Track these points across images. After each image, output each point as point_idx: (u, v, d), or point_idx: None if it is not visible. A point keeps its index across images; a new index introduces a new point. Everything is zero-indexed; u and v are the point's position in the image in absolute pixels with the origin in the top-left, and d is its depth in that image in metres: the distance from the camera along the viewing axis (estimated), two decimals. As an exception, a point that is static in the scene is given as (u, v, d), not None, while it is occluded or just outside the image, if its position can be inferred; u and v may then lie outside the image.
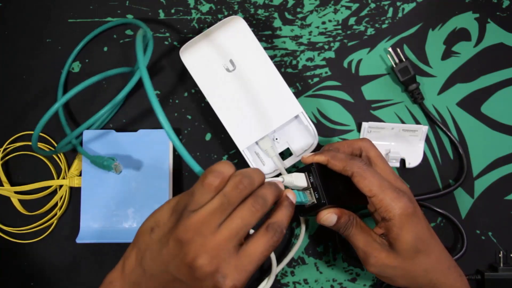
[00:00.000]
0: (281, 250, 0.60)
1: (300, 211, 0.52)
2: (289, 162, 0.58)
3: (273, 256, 0.58)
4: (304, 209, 0.51)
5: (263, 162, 0.58)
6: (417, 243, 0.47)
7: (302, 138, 0.59)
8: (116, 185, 0.58)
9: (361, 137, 0.60)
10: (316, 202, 0.49)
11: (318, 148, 0.59)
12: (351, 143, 0.52)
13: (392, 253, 0.47)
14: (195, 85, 0.60)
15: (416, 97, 0.60)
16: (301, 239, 0.58)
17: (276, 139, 0.59)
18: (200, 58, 0.56)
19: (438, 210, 0.59)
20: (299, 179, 0.50)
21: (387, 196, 0.46)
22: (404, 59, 0.60)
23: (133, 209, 0.57)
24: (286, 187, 0.52)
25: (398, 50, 0.61)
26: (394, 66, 0.60)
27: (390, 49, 0.60)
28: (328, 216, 0.49)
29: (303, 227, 0.58)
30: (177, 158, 0.60)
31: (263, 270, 0.59)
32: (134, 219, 0.57)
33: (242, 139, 0.57)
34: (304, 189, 0.50)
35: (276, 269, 0.58)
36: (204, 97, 0.60)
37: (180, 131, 0.61)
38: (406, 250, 0.47)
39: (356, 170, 0.47)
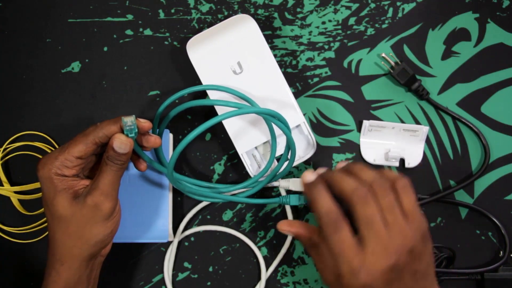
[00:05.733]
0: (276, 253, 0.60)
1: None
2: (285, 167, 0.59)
3: (262, 262, 0.59)
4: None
5: (260, 165, 0.58)
6: None
7: (301, 146, 0.59)
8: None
9: (361, 135, 0.60)
10: (306, 204, 0.57)
11: (314, 157, 0.59)
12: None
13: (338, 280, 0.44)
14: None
15: (422, 94, 0.60)
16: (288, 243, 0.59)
17: None
18: (207, 56, 0.56)
19: (493, 219, 0.59)
20: (295, 184, 0.57)
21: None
22: (399, 62, 0.60)
23: (133, 208, 0.57)
24: (277, 188, 0.59)
25: (391, 54, 0.61)
26: (392, 71, 0.60)
27: (383, 55, 0.60)
28: (284, 230, 0.49)
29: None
30: (178, 157, 0.60)
31: (257, 274, 0.59)
32: (134, 218, 0.57)
33: (242, 143, 0.57)
34: (301, 193, 0.58)
35: (265, 273, 0.59)
36: (205, 96, 0.60)
37: (180, 131, 0.61)
38: None
39: (311, 198, 0.45)
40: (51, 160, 0.48)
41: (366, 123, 0.60)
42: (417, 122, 0.61)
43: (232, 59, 0.56)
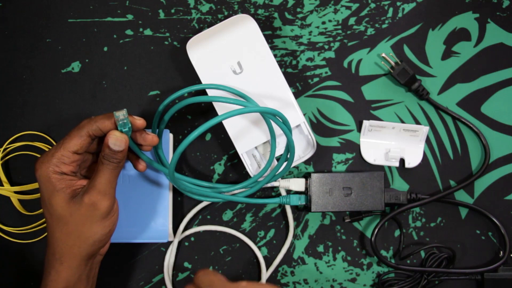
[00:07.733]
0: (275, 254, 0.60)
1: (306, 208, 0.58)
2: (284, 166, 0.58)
3: (262, 262, 0.59)
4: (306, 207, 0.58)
5: (260, 164, 0.58)
6: None
7: (301, 146, 0.59)
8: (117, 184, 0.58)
9: (361, 135, 0.60)
10: (306, 205, 0.57)
11: (314, 157, 0.59)
12: None
13: None
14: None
15: (422, 94, 0.60)
16: (289, 241, 0.60)
17: None
18: (207, 56, 0.56)
19: (493, 219, 0.59)
20: (295, 184, 0.58)
21: None
22: (399, 62, 0.60)
23: (133, 208, 0.57)
24: (277, 188, 0.60)
25: (391, 54, 0.61)
26: (392, 71, 0.60)
27: (383, 55, 0.60)
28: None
29: (291, 231, 0.59)
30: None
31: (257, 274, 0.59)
32: (133, 218, 0.57)
33: (242, 143, 0.56)
34: (301, 193, 0.58)
35: (265, 273, 0.59)
36: (204, 97, 0.60)
37: (180, 131, 0.61)
38: None
39: None
40: (48, 158, 0.48)
41: (366, 123, 0.60)
42: (417, 122, 0.61)
43: (232, 59, 0.56)
